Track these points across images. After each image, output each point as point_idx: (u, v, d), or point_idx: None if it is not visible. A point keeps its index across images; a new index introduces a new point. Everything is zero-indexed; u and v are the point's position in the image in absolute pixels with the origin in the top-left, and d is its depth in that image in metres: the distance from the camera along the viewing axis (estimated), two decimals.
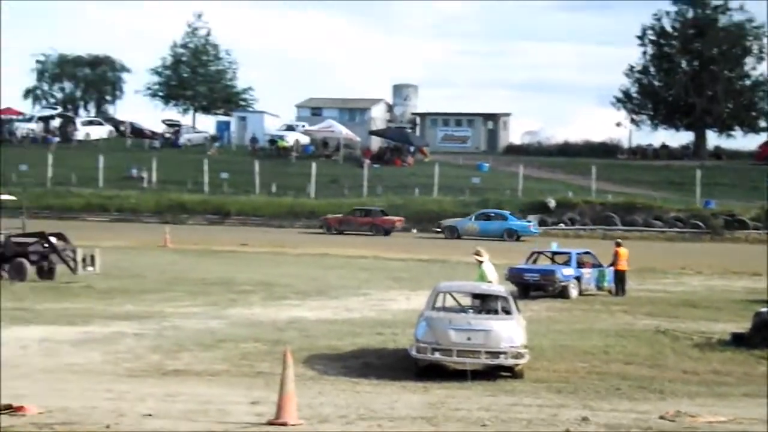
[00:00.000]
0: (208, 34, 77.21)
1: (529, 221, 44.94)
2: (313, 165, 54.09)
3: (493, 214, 45.11)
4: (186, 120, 74.01)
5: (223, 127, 70.94)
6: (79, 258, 26.08)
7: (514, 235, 43.56)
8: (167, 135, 66.50)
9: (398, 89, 69.92)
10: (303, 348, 16.65)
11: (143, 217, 49.62)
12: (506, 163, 59.36)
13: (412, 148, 61.57)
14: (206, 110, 77.51)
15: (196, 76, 76.56)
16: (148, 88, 77.02)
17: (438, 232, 44.83)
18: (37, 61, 79.33)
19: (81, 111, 78.77)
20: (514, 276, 25.43)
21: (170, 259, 32.50)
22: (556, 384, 14.57)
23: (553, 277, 25.31)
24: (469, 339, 14.77)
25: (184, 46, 76.86)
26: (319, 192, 52.35)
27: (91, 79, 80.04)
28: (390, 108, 69.76)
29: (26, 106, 75.78)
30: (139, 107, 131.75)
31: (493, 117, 67.47)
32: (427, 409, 12.78)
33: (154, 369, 14.92)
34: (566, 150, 64.44)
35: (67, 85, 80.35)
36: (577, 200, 49.62)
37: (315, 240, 41.63)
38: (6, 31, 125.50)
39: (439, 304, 16.09)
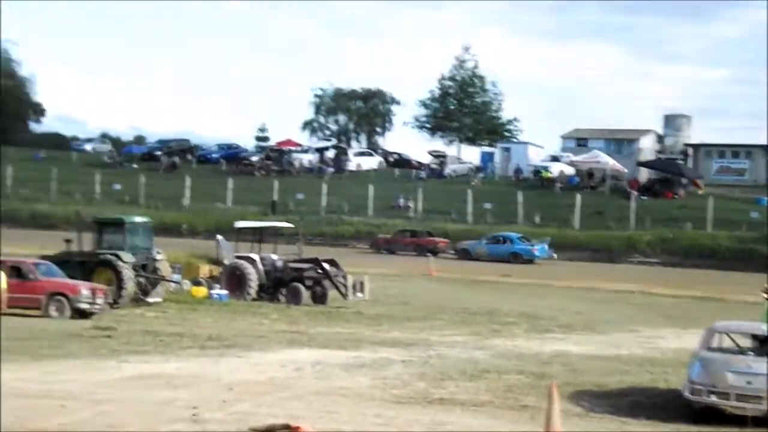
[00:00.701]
0: (475, 67, 78.59)
1: (533, 245, 45.77)
2: (578, 196, 53.23)
3: (501, 238, 46.84)
4: (451, 151, 75.45)
5: (487, 157, 71.48)
6: (349, 284, 27.11)
7: (519, 258, 45.03)
8: (433, 166, 67.89)
9: (670, 119, 67.53)
10: (568, 383, 16.27)
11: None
12: None
13: (684, 180, 59.11)
14: (471, 141, 78.62)
15: (462, 107, 77.98)
16: (416, 120, 79.42)
17: (453, 253, 46.82)
18: (315, 95, 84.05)
19: (353, 142, 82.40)
20: None
21: (434, 288, 33.04)
22: None
23: None
24: (749, 383, 13.83)
25: (452, 78, 78.55)
26: (583, 223, 51.41)
27: (363, 111, 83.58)
28: (660, 139, 67.45)
29: (304, 138, 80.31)
30: (407, 138, 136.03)
31: None
32: None
33: (420, 396, 15.08)
34: None
35: (341, 118, 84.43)
36: None
37: (581, 270, 40.81)
38: (288, 67, 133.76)
39: (714, 344, 15.21)
